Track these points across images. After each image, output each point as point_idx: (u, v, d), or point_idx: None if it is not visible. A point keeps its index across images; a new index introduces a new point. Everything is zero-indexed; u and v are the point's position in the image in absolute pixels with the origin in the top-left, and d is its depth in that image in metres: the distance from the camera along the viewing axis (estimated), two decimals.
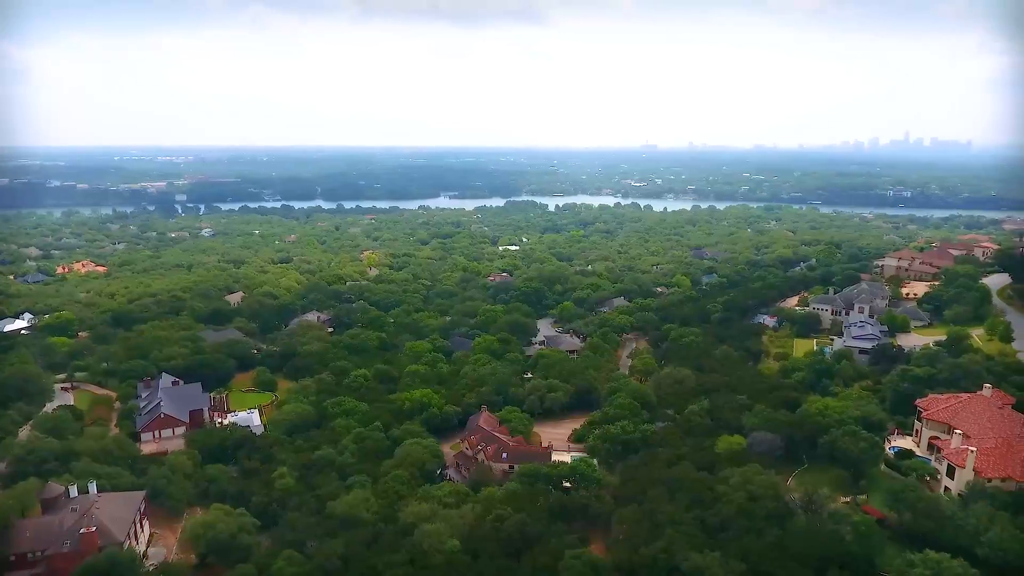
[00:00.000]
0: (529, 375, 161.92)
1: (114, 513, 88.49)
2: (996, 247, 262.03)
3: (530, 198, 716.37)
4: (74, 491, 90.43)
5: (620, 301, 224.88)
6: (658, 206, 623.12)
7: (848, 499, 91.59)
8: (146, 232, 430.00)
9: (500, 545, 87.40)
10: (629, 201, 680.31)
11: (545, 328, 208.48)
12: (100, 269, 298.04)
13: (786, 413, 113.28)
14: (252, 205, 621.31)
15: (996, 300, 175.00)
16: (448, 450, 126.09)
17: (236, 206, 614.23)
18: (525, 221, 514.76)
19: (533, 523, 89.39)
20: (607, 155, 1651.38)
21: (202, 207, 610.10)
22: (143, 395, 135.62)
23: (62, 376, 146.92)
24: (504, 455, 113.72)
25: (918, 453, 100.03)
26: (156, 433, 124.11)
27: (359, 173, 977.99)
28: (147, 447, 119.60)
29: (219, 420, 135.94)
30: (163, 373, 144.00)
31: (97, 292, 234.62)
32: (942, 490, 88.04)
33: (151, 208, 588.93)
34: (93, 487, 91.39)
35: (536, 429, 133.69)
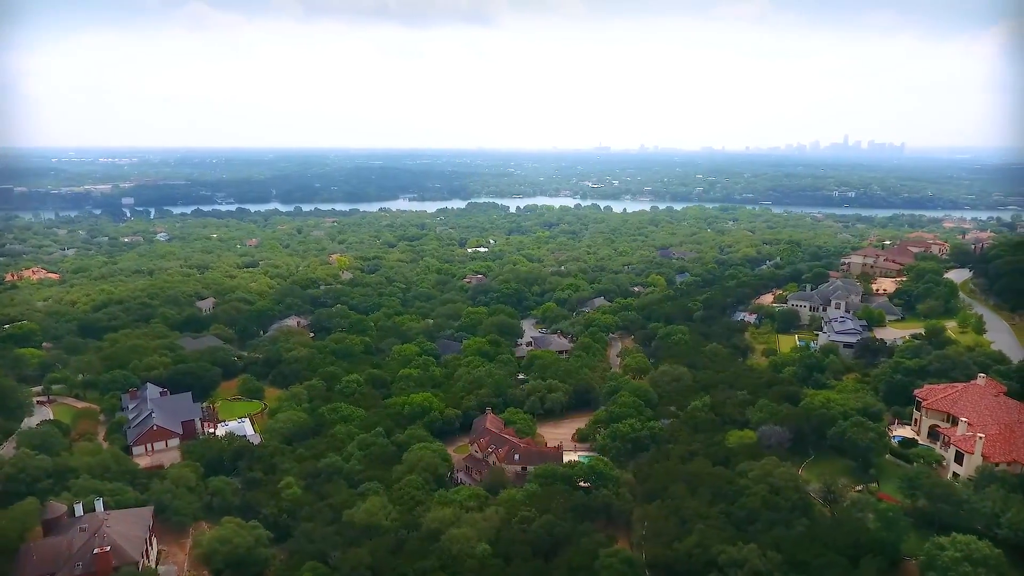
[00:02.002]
0: (522, 376, 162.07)
1: (125, 531, 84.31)
2: (943, 243, 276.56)
3: (490, 200, 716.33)
4: (79, 509, 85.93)
5: (600, 301, 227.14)
6: (617, 207, 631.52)
7: (860, 488, 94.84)
8: (96, 237, 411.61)
9: (529, 547, 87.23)
10: (588, 202, 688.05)
11: (528, 329, 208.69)
12: (53, 276, 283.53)
13: (789, 407, 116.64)
14: (205, 208, 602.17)
15: (960, 294, 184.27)
16: (453, 453, 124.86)
17: (188, 209, 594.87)
18: (489, 223, 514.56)
19: (560, 524, 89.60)
20: (562, 157, 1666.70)
21: (152, 210, 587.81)
22: (129, 407, 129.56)
23: (38, 389, 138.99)
24: (516, 456, 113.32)
25: (920, 441, 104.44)
26: (149, 446, 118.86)
27: (314, 175, 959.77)
28: (140, 461, 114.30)
29: (210, 431, 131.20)
30: (148, 384, 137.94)
31: (56, 300, 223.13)
32: (950, 475, 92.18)
33: (97, 212, 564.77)
34: (100, 504, 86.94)
35: (538, 430, 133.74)
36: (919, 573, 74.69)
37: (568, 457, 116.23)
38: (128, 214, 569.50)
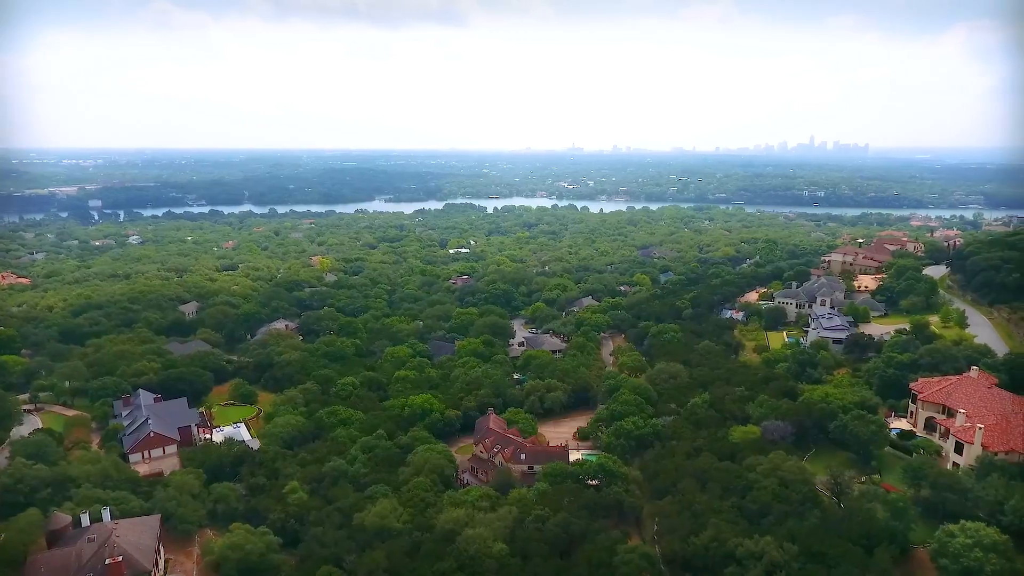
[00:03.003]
0: (517, 376, 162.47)
1: (135, 540, 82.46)
2: (917, 242, 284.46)
3: (467, 201, 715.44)
4: (86, 519, 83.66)
5: (588, 301, 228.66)
6: (594, 207, 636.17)
7: (863, 479, 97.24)
8: (66, 240, 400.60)
9: (546, 545, 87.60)
10: (565, 203, 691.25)
11: (517, 329, 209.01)
12: (23, 281, 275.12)
13: (788, 401, 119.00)
14: (177, 210, 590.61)
15: (939, 290, 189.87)
16: (456, 454, 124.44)
17: (159, 211, 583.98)
18: (468, 224, 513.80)
19: (575, 521, 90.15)
20: (535, 158, 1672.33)
21: (121, 213, 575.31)
22: (123, 414, 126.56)
23: (24, 397, 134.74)
24: (522, 456, 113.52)
25: (918, 433, 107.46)
26: (146, 453, 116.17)
27: (287, 176, 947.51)
28: (139, 468, 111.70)
29: (206, 436, 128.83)
30: (140, 390, 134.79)
31: (31, 305, 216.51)
32: (950, 465, 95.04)
33: (63, 215, 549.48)
34: (107, 514, 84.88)
35: (538, 429, 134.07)
36: (930, 560, 76.90)
37: (572, 456, 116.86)
38: (96, 217, 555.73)
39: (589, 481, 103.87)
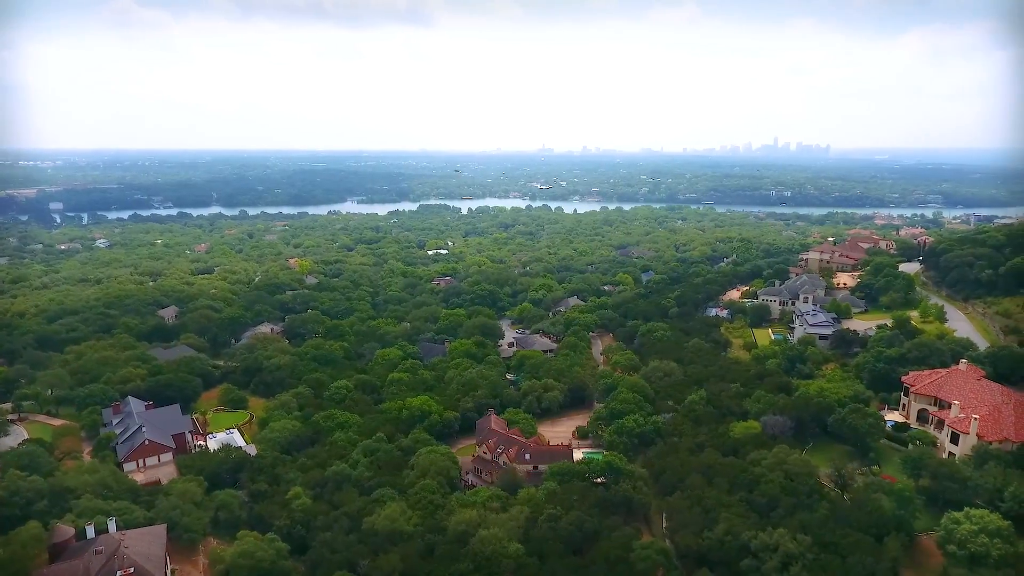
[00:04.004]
0: (511, 376, 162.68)
1: (144, 551, 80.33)
2: (885, 239, 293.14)
3: (440, 202, 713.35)
4: (91, 531, 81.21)
5: (574, 300, 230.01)
6: (568, 208, 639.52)
7: (862, 471, 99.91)
8: (29, 244, 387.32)
9: (561, 544, 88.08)
10: (539, 204, 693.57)
11: (504, 329, 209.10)
12: None
13: (785, 397, 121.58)
14: (143, 213, 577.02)
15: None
16: (457, 455, 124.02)
17: (124, 214, 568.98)
18: (443, 225, 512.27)
19: (589, 519, 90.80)
20: (507, 159, 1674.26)
21: (85, 216, 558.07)
22: (113, 422, 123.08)
23: (7, 407, 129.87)
24: (527, 456, 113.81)
25: (911, 425, 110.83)
26: (141, 462, 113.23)
27: (255, 178, 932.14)
28: (135, 477, 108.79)
29: (200, 443, 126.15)
30: (130, 397, 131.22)
31: (2, 312, 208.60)
32: (945, 455, 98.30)
33: (23, 218, 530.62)
34: (112, 525, 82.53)
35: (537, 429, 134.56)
36: (937, 547, 79.48)
37: (574, 455, 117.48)
38: (59, 220, 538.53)
39: (596, 479, 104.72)
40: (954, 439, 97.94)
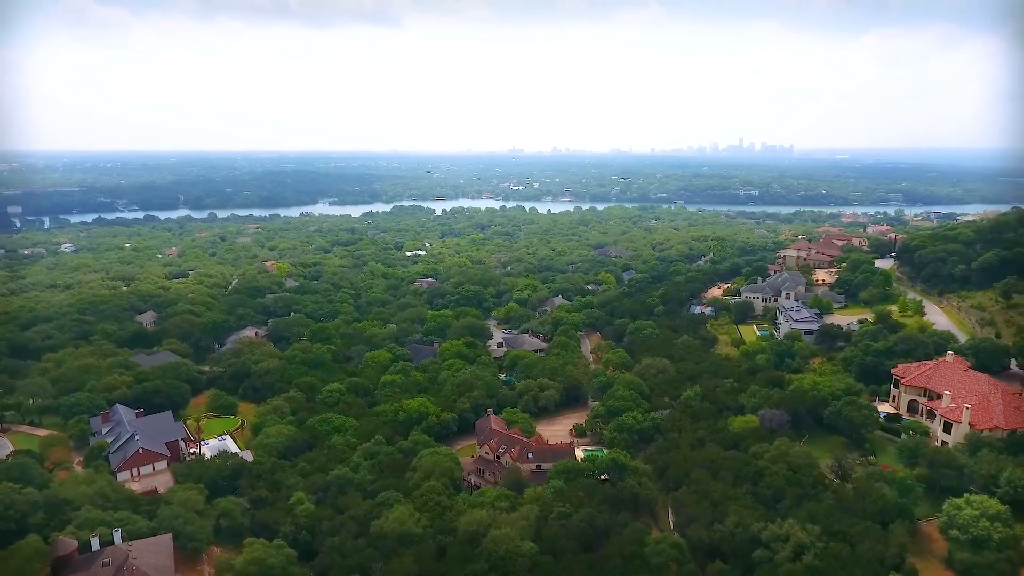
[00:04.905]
0: (503, 376, 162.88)
1: (152, 561, 78.66)
2: (858, 236, 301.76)
3: (414, 203, 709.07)
4: (96, 543, 78.97)
5: (559, 300, 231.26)
6: (542, 208, 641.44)
7: (860, 461, 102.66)
8: None
9: (573, 541, 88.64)
10: (513, 204, 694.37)
11: (491, 329, 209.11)
12: None
13: (780, 391, 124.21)
14: (108, 216, 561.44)
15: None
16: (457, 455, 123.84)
17: (88, 218, 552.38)
18: (419, 226, 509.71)
19: (600, 516, 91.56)
20: (477, 159, 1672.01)
21: (46, 219, 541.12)
22: (103, 431, 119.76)
23: None
24: (530, 455, 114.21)
25: (903, 416, 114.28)
26: (135, 471, 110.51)
27: (223, 179, 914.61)
28: (130, 487, 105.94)
29: (193, 451, 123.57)
30: (118, 405, 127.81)
31: None
32: (939, 444, 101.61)
33: None
34: (118, 535, 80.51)
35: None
36: (939, 532, 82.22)
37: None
38: (18, 224, 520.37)
39: (601, 477, 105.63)
40: (947, 428, 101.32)
